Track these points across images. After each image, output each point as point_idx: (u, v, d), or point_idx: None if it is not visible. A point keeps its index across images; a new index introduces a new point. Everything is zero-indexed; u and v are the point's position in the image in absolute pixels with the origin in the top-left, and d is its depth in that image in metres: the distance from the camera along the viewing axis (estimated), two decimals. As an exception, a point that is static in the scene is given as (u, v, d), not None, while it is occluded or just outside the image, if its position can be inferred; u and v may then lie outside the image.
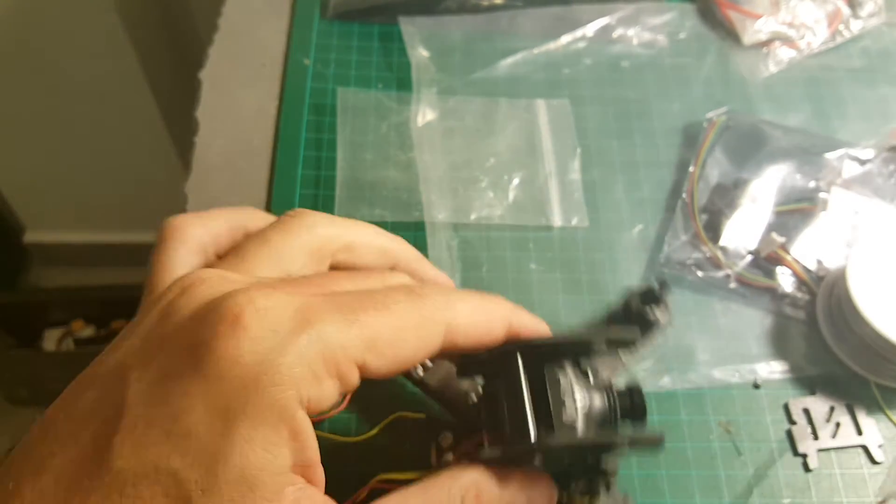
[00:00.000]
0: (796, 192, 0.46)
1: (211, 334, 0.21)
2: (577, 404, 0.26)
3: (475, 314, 0.26)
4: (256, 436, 0.20)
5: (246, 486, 0.20)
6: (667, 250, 0.44)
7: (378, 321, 0.23)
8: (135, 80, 0.97)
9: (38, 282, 1.32)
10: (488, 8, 0.55)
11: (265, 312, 0.21)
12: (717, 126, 0.49)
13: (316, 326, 0.22)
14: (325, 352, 0.22)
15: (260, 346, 0.21)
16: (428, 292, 0.25)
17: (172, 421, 0.20)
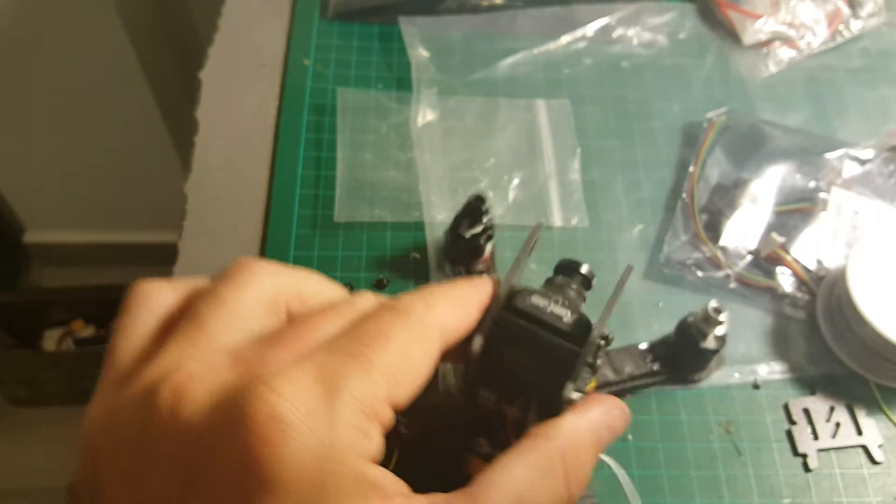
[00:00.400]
0: (796, 192, 0.46)
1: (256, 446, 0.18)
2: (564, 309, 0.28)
3: (455, 309, 0.27)
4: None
5: None
6: (667, 250, 0.44)
7: (388, 355, 0.23)
8: (135, 80, 0.97)
9: (38, 282, 1.32)
10: (488, 8, 0.55)
11: (295, 400, 0.19)
12: (717, 126, 0.49)
13: (343, 389, 0.20)
14: (363, 408, 0.21)
15: (311, 439, 0.19)
16: (407, 304, 0.25)
17: None
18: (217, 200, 0.45)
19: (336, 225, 0.44)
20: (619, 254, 0.45)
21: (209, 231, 0.44)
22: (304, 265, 0.42)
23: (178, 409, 0.19)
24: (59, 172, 1.13)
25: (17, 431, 1.21)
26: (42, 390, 1.18)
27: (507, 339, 0.28)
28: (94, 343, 1.18)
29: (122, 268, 1.30)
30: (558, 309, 0.29)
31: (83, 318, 1.19)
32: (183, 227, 0.44)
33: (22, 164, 1.11)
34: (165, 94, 1.01)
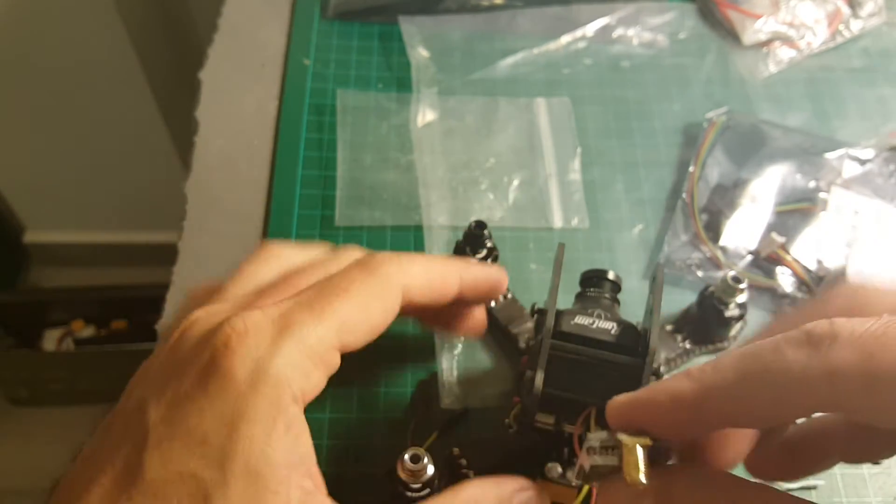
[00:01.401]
0: (796, 192, 0.46)
1: (209, 360, 0.25)
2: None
3: (427, 273, 0.30)
4: (255, 432, 0.24)
5: (251, 478, 0.23)
6: (667, 250, 0.44)
7: (344, 306, 0.27)
8: (135, 80, 0.97)
9: (38, 282, 1.32)
10: (488, 8, 0.55)
11: (247, 332, 0.25)
12: (718, 126, 0.49)
13: (293, 330, 0.26)
14: (306, 349, 0.25)
15: (249, 360, 0.25)
16: (379, 261, 0.29)
17: (189, 434, 0.24)
18: (217, 200, 0.45)
19: (336, 226, 0.44)
20: (619, 254, 0.45)
21: (209, 231, 0.44)
22: (304, 265, 0.43)
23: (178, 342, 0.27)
24: (59, 172, 1.13)
25: (17, 431, 1.21)
26: (42, 390, 1.18)
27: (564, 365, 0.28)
28: (94, 343, 1.18)
29: (122, 268, 1.30)
30: (603, 323, 0.30)
31: (83, 318, 1.19)
32: (183, 227, 0.44)
33: (22, 164, 1.11)
34: (165, 94, 1.01)
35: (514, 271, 0.43)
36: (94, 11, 0.87)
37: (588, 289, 0.34)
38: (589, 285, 0.34)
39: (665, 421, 0.22)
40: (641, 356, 0.29)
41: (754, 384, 0.20)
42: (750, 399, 0.20)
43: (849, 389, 0.18)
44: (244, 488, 0.23)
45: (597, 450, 0.23)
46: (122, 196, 1.18)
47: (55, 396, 1.19)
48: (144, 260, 1.25)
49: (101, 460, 0.25)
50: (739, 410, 0.20)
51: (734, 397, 0.20)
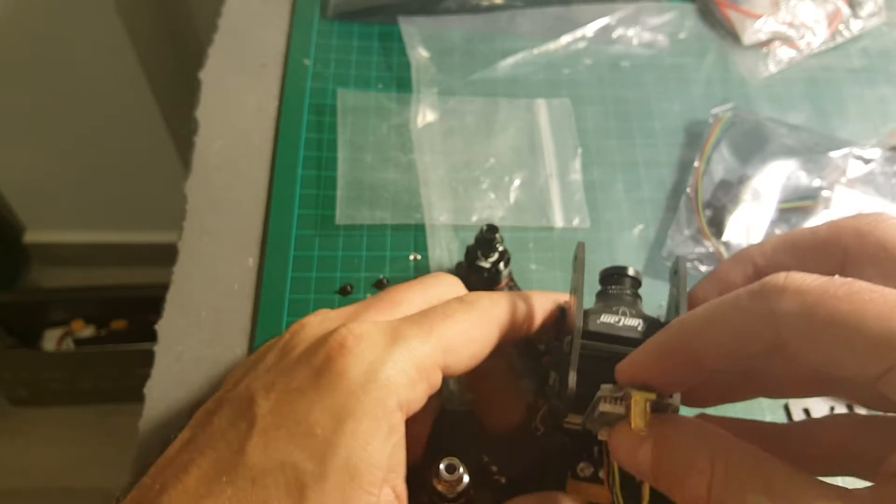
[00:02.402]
0: (800, 190, 0.46)
1: (324, 358, 0.26)
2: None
3: (516, 308, 0.32)
4: (361, 430, 0.25)
5: (349, 474, 0.24)
6: (669, 245, 0.44)
7: (448, 329, 0.29)
8: (135, 80, 0.97)
9: (38, 282, 1.32)
10: (488, 8, 0.55)
11: (363, 336, 0.27)
12: (723, 122, 0.49)
13: (404, 341, 0.27)
14: (415, 360, 0.27)
15: (363, 362, 0.26)
16: (475, 298, 0.31)
17: (296, 424, 0.25)
18: (217, 200, 0.45)
19: (336, 225, 0.44)
20: (619, 254, 0.45)
21: (209, 231, 0.44)
22: (304, 265, 0.43)
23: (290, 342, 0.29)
24: (59, 172, 1.13)
25: (17, 431, 1.21)
26: (42, 390, 1.18)
27: (593, 364, 0.28)
28: (94, 343, 1.18)
29: (122, 268, 1.30)
30: (628, 320, 0.30)
31: (83, 318, 1.19)
32: (183, 227, 0.44)
33: (22, 164, 1.11)
34: (165, 94, 1.01)
35: (515, 271, 0.43)
36: (94, 11, 0.87)
37: (609, 286, 0.34)
38: (609, 283, 0.34)
39: (656, 368, 0.25)
40: None
41: (718, 327, 0.23)
42: (715, 340, 0.23)
43: (790, 334, 0.21)
44: (341, 484, 0.24)
45: (607, 399, 0.25)
46: (122, 196, 1.18)
47: (55, 396, 1.19)
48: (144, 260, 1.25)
49: (202, 444, 0.26)
50: (708, 351, 0.23)
51: (704, 339, 0.23)
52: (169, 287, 0.41)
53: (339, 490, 0.24)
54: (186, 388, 0.38)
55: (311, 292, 0.42)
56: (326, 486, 0.24)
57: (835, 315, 0.20)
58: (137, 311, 1.17)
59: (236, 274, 0.42)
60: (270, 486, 0.24)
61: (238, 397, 0.27)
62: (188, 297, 0.41)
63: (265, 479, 0.24)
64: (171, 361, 0.39)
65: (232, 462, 0.25)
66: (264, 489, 0.24)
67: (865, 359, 0.20)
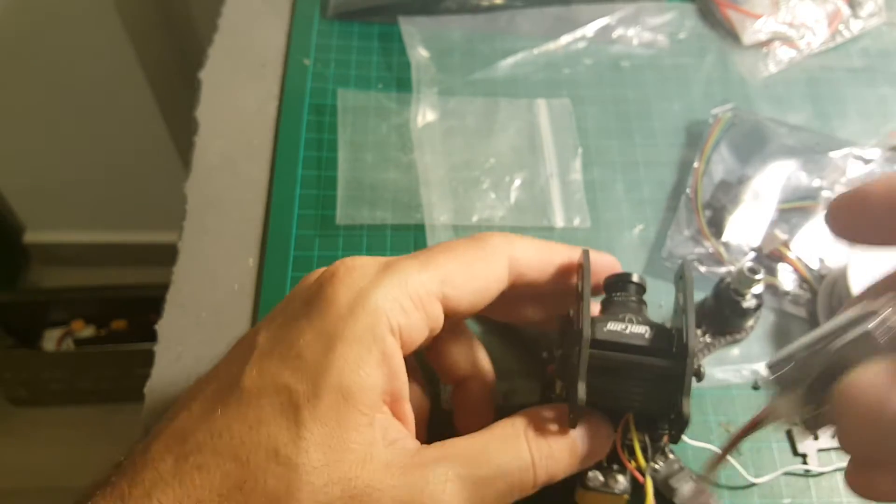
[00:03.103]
0: (800, 191, 0.46)
1: (317, 288, 0.27)
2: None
3: (534, 248, 0.31)
4: (351, 354, 0.25)
5: (342, 395, 0.25)
6: (669, 245, 0.44)
7: (448, 261, 0.29)
8: (135, 80, 0.97)
9: (38, 282, 1.32)
10: (488, 8, 0.55)
11: (355, 267, 0.27)
12: (723, 122, 0.49)
13: (397, 270, 0.27)
14: (408, 287, 0.27)
15: (353, 289, 0.27)
16: (488, 236, 0.30)
17: (288, 349, 0.26)
18: (217, 200, 0.45)
19: (336, 225, 0.44)
20: (619, 254, 0.44)
21: (209, 231, 0.44)
22: (304, 265, 0.43)
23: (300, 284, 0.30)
24: (59, 172, 1.13)
25: (17, 431, 1.21)
26: (42, 390, 1.18)
27: (601, 373, 0.28)
28: (94, 343, 1.18)
29: (122, 268, 1.30)
30: (635, 328, 0.30)
31: (83, 318, 1.19)
32: (183, 227, 0.44)
33: (22, 164, 1.11)
34: (165, 94, 1.01)
35: (515, 271, 0.43)
36: (94, 11, 0.87)
37: (613, 294, 0.33)
38: (614, 290, 0.33)
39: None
40: (678, 357, 0.29)
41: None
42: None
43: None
44: (334, 404, 0.24)
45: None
46: (122, 196, 1.18)
47: (55, 396, 1.19)
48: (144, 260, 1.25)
49: (211, 376, 0.27)
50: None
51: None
52: (169, 287, 0.41)
53: (332, 410, 0.24)
54: (186, 387, 0.38)
55: (311, 292, 0.42)
56: (320, 406, 0.24)
57: None
58: (137, 311, 1.17)
59: (236, 274, 0.42)
60: (265, 406, 0.25)
61: (248, 335, 0.28)
62: (188, 297, 0.41)
63: (259, 400, 0.25)
64: (171, 361, 0.39)
65: (229, 388, 0.26)
66: (258, 409, 0.25)
67: None
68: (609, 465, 0.31)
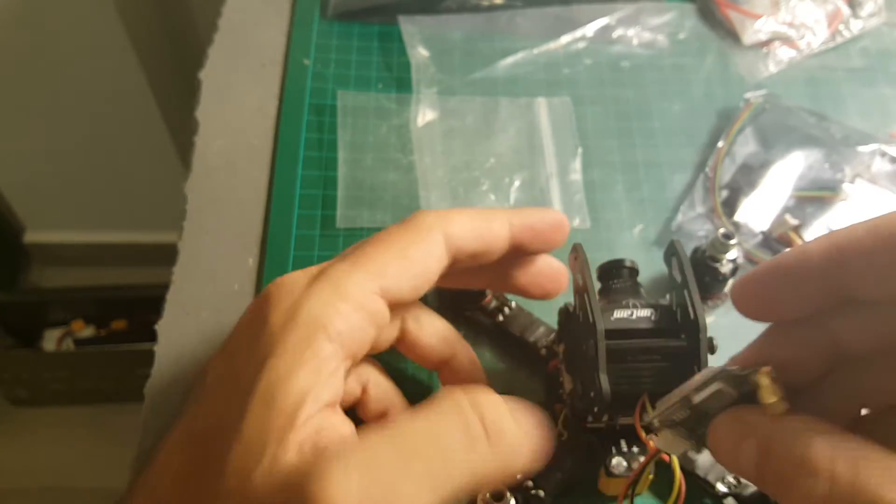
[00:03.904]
0: (820, 181, 0.47)
1: (251, 315, 0.27)
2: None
3: (471, 219, 0.30)
4: (279, 363, 0.25)
5: (266, 403, 0.24)
6: (680, 219, 0.45)
7: (380, 252, 0.28)
8: (135, 80, 0.97)
9: (38, 282, 1.32)
10: (488, 8, 0.55)
11: (284, 283, 0.27)
12: (753, 107, 0.49)
13: (327, 275, 0.27)
14: (340, 291, 0.26)
15: (284, 305, 0.26)
16: (420, 215, 0.29)
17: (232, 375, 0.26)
18: (217, 200, 0.45)
19: (336, 225, 0.44)
20: (619, 254, 0.44)
21: (209, 231, 0.44)
22: (304, 265, 0.42)
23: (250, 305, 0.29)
24: (59, 172, 1.13)
25: (17, 431, 1.21)
26: (42, 390, 1.18)
27: (618, 361, 0.28)
28: (94, 343, 1.18)
29: (122, 268, 1.30)
30: (640, 312, 0.30)
31: (83, 318, 1.19)
32: (183, 227, 0.44)
33: (22, 164, 1.11)
34: (165, 94, 1.01)
35: (515, 271, 0.43)
36: (94, 11, 0.87)
37: (610, 281, 0.34)
38: (610, 277, 0.34)
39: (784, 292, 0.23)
40: (689, 334, 0.29)
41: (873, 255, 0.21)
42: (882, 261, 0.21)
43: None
44: (259, 415, 0.24)
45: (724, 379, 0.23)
46: (122, 196, 1.18)
47: (55, 396, 1.19)
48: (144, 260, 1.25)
49: (179, 415, 0.28)
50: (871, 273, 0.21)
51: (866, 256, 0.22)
52: (169, 287, 0.41)
53: (258, 422, 0.24)
54: (186, 388, 0.38)
55: (311, 292, 0.42)
56: (247, 422, 0.24)
57: None
58: (137, 311, 1.17)
59: (236, 274, 0.42)
60: (215, 443, 0.24)
61: (201, 371, 0.28)
62: (188, 297, 0.41)
63: (205, 441, 0.25)
64: (171, 361, 0.39)
65: (188, 429, 0.26)
66: (203, 449, 0.25)
67: None
68: (629, 450, 0.31)
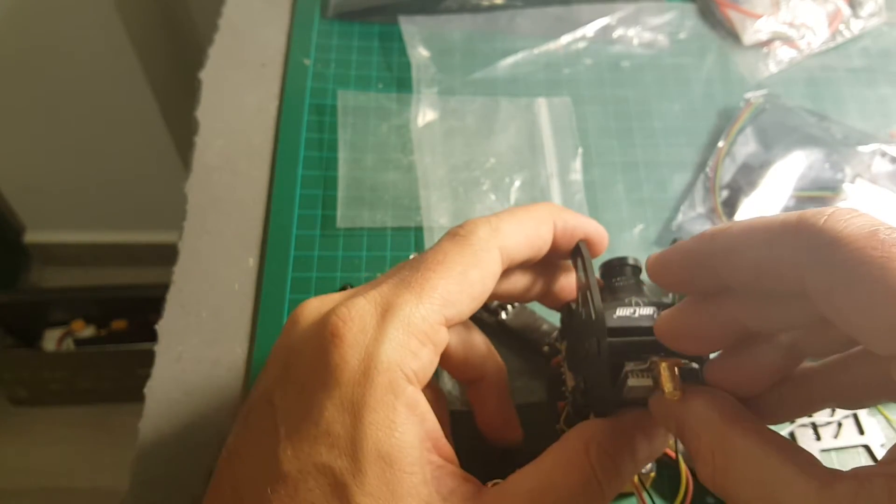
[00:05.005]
0: (821, 181, 0.47)
1: (322, 351, 0.26)
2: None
3: (522, 226, 0.30)
4: (379, 418, 0.24)
5: (384, 462, 0.24)
6: (680, 219, 0.45)
7: (442, 279, 0.27)
8: (135, 80, 0.97)
9: (38, 282, 1.32)
10: (488, 8, 0.55)
11: (353, 320, 0.26)
12: (753, 107, 0.49)
13: (396, 312, 0.26)
14: (412, 329, 0.26)
15: (359, 349, 0.25)
16: (470, 229, 0.29)
17: (314, 425, 0.25)
18: (217, 200, 0.45)
19: (336, 225, 0.44)
20: (620, 254, 0.45)
21: (209, 231, 0.44)
22: (304, 266, 0.43)
23: (291, 332, 0.28)
24: (59, 172, 1.13)
25: (17, 431, 1.21)
26: (42, 390, 1.18)
27: (622, 358, 0.28)
28: (94, 343, 1.18)
29: (122, 268, 1.30)
30: (643, 310, 0.30)
31: (83, 318, 1.19)
32: (183, 227, 0.44)
33: (22, 164, 1.11)
34: (165, 94, 1.01)
35: (515, 271, 0.43)
36: (94, 11, 0.87)
37: (613, 279, 0.34)
38: (613, 275, 0.34)
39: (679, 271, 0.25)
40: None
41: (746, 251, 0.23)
42: (740, 263, 0.23)
43: (815, 286, 0.20)
44: (379, 473, 0.24)
45: (634, 373, 0.26)
46: (122, 196, 1.18)
47: (55, 396, 1.19)
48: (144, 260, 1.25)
49: (243, 455, 0.26)
50: (732, 273, 0.23)
51: (731, 257, 0.23)
52: (169, 287, 0.41)
53: (379, 479, 0.24)
54: (186, 388, 0.38)
55: (312, 292, 0.42)
56: (367, 479, 0.24)
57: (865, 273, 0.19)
58: (137, 311, 1.17)
59: (236, 274, 0.42)
60: (314, 489, 0.24)
61: (259, 400, 0.27)
62: (188, 297, 0.41)
63: (307, 483, 0.24)
64: (171, 361, 0.39)
65: (270, 473, 0.25)
66: (307, 493, 0.24)
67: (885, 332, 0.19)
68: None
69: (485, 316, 0.40)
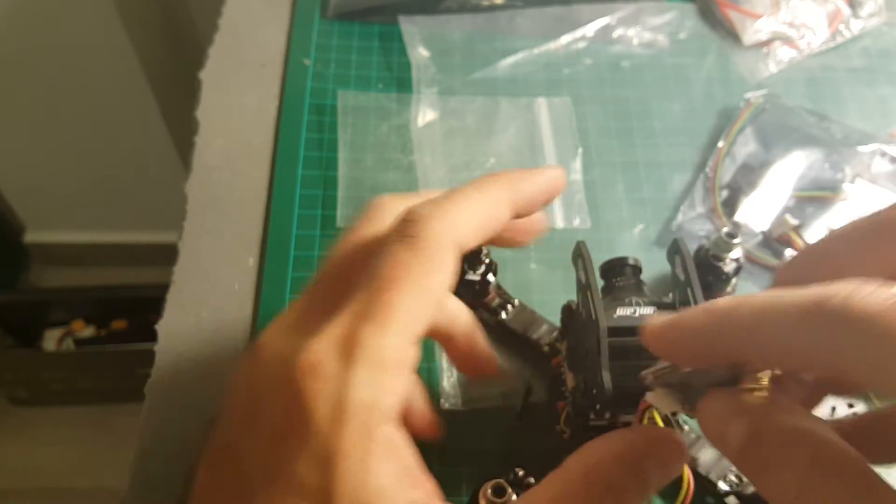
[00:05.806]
0: (821, 181, 0.47)
1: (290, 401, 0.24)
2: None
3: (477, 217, 0.28)
4: (352, 465, 0.23)
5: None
6: (680, 219, 0.45)
7: (403, 300, 0.25)
8: (135, 80, 0.97)
9: (38, 282, 1.32)
10: (488, 8, 0.55)
11: (314, 367, 0.24)
12: (753, 107, 0.49)
13: (361, 350, 0.24)
14: (379, 365, 0.24)
15: (326, 396, 0.24)
16: (422, 226, 0.26)
17: (287, 480, 0.24)
18: (217, 200, 0.45)
19: (337, 226, 0.44)
20: (619, 253, 0.44)
21: (209, 231, 0.44)
22: (304, 266, 0.43)
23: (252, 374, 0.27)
24: (59, 172, 1.13)
25: (17, 431, 1.21)
26: (42, 390, 1.18)
27: (621, 359, 0.28)
28: (94, 343, 1.18)
29: (122, 268, 1.30)
30: (643, 309, 0.30)
31: (83, 318, 1.19)
32: (183, 227, 0.44)
33: (22, 164, 1.11)
34: (165, 94, 1.01)
35: (515, 272, 0.43)
36: (94, 11, 0.87)
37: (613, 279, 0.34)
38: (613, 275, 0.34)
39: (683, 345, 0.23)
40: None
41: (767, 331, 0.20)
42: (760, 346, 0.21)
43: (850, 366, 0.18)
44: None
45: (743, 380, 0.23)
46: (122, 196, 1.18)
47: (55, 396, 1.19)
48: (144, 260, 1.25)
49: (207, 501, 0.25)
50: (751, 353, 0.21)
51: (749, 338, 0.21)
52: (169, 287, 0.41)
53: None
54: (186, 388, 0.38)
55: (312, 292, 0.42)
56: None
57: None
58: (137, 311, 1.17)
59: (236, 274, 0.42)
60: None
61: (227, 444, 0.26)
62: (188, 297, 0.41)
63: None
64: (171, 361, 0.39)
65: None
66: None
67: None
68: None
69: (485, 316, 0.40)
